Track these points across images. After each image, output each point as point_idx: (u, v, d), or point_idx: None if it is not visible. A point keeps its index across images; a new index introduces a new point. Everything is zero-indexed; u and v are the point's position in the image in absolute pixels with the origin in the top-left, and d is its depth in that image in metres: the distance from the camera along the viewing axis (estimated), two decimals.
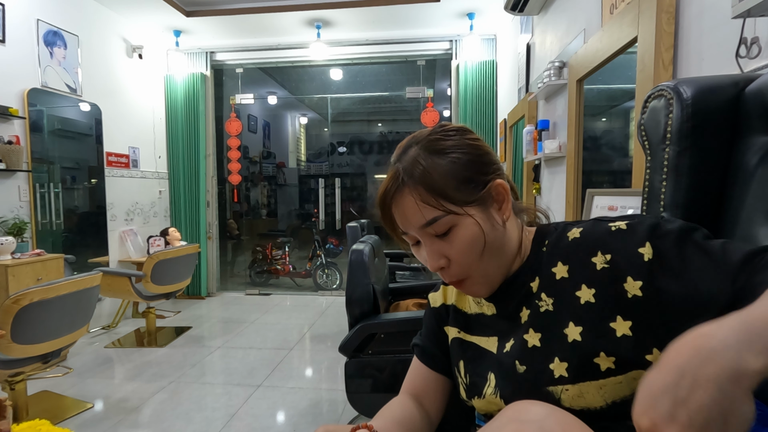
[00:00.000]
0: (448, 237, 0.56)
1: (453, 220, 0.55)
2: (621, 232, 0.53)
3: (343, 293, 3.52)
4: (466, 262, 0.57)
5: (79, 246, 3.34)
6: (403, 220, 0.58)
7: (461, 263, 0.57)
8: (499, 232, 0.58)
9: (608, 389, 0.50)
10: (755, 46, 0.99)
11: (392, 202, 0.58)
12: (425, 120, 4.21)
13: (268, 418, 2.09)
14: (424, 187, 0.55)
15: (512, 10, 2.80)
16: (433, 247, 0.57)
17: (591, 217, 1.42)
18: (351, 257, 1.69)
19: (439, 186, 0.55)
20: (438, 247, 0.57)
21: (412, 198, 0.56)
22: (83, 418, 2.11)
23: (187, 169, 4.43)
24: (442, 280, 0.64)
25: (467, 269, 0.58)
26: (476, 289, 0.60)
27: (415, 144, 0.59)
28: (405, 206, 0.57)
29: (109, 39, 3.67)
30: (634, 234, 0.51)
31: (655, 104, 0.66)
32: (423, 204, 0.55)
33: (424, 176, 0.56)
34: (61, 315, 1.98)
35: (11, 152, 2.69)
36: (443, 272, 0.59)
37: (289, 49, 4.41)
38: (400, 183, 0.57)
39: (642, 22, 1.43)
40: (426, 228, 0.56)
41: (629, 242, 0.51)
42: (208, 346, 3.07)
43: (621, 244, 0.52)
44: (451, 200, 0.55)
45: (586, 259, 0.54)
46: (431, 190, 0.55)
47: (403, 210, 0.57)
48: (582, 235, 0.56)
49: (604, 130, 2.33)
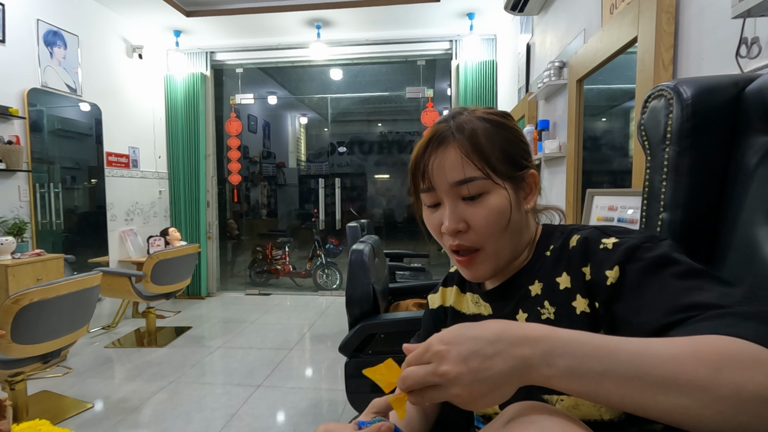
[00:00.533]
0: (476, 202, 0.56)
1: (488, 186, 0.56)
2: (606, 251, 0.52)
3: (343, 293, 3.53)
4: (487, 233, 0.57)
5: (79, 246, 3.34)
6: (439, 173, 0.57)
7: (481, 232, 0.57)
8: (522, 216, 0.59)
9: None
10: (755, 46, 0.99)
11: (435, 150, 0.57)
12: (425, 120, 4.21)
13: (268, 418, 2.09)
14: (472, 146, 0.56)
15: (512, 10, 2.80)
16: (457, 210, 0.57)
17: (591, 217, 1.42)
18: (351, 257, 1.69)
19: (486, 150, 0.56)
20: (461, 210, 0.57)
21: (457, 151, 0.56)
22: (83, 418, 2.11)
23: (187, 169, 4.43)
24: (452, 263, 0.63)
25: (484, 240, 0.57)
26: (483, 267, 0.59)
27: (467, 112, 0.60)
28: (447, 158, 0.56)
29: (109, 39, 3.67)
30: (612, 254, 0.51)
31: (655, 104, 0.66)
32: (467, 160, 0.56)
33: (473, 136, 0.56)
34: (61, 315, 1.98)
35: (11, 152, 2.69)
36: (458, 236, 0.58)
37: (289, 49, 4.41)
38: (449, 135, 0.57)
39: (642, 22, 1.43)
40: (459, 186, 0.56)
41: (604, 263, 0.51)
42: (208, 346, 3.07)
43: (598, 262, 0.52)
44: (493, 168, 0.56)
45: (579, 269, 0.54)
46: (477, 151, 0.56)
47: (444, 161, 0.57)
48: (578, 244, 0.56)
49: (604, 130, 2.33)
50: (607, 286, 0.50)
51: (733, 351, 0.36)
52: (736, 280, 0.56)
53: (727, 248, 0.59)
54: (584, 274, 0.53)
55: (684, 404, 0.35)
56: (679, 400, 0.35)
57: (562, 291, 0.56)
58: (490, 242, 0.58)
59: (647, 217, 0.67)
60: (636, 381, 0.36)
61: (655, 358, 0.37)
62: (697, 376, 0.35)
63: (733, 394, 0.34)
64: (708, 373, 0.35)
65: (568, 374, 0.38)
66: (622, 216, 1.30)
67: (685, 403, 0.35)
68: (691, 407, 0.35)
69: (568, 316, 0.54)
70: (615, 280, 0.50)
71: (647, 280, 0.48)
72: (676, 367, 0.36)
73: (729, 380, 0.34)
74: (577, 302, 0.54)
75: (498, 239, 0.57)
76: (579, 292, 0.53)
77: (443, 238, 0.60)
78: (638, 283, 0.48)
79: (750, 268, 0.54)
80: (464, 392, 0.39)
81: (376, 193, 7.61)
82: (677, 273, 0.47)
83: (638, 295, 0.48)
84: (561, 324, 0.54)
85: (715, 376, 0.35)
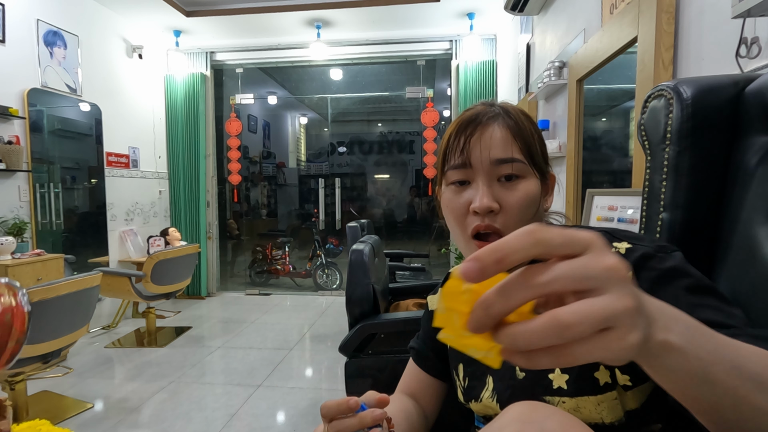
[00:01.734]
0: (512, 184, 0.57)
1: (526, 171, 0.57)
2: (618, 255, 0.52)
3: (343, 293, 3.52)
4: (518, 216, 0.56)
5: (79, 246, 3.34)
6: (483, 147, 0.56)
7: (513, 215, 0.56)
8: (540, 213, 0.60)
9: (605, 406, 0.50)
10: (755, 46, 0.99)
11: (481, 126, 0.57)
12: (425, 120, 4.21)
13: (268, 418, 2.09)
14: (519, 129, 0.57)
15: (512, 10, 2.80)
16: (492, 189, 0.57)
17: (591, 217, 1.42)
18: (351, 257, 1.69)
19: (528, 139, 0.57)
20: (496, 191, 0.57)
21: (506, 130, 0.57)
22: (83, 418, 2.11)
23: (187, 169, 4.43)
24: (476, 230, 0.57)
25: (514, 223, 0.56)
26: None
27: (500, 104, 0.61)
28: (495, 133, 0.57)
29: (109, 39, 3.67)
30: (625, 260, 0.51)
31: (655, 104, 0.66)
32: (513, 140, 0.56)
33: (519, 122, 0.58)
34: (61, 315, 1.98)
35: (11, 152, 2.69)
36: (489, 217, 0.56)
37: (289, 49, 4.41)
38: (498, 115, 0.58)
39: (642, 22, 1.43)
40: (501, 165, 0.56)
41: None
42: (208, 346, 3.07)
43: None
44: (532, 156, 0.57)
45: None
46: (523, 136, 0.57)
47: (491, 136, 0.57)
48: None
49: (604, 130, 2.33)
50: None
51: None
52: (736, 280, 0.56)
53: (727, 248, 0.59)
54: None
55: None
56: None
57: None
58: (516, 228, 0.57)
59: (647, 217, 0.67)
60: (741, 371, 0.32)
61: (750, 352, 0.33)
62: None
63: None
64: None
65: (684, 341, 0.30)
66: (622, 216, 1.30)
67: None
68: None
69: None
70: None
71: (659, 291, 0.47)
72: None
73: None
74: None
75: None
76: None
77: (467, 219, 0.57)
78: (649, 293, 0.48)
79: (750, 267, 0.54)
80: (639, 338, 0.26)
81: (376, 193, 7.61)
82: (688, 287, 0.47)
83: None
84: None
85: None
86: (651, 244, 0.52)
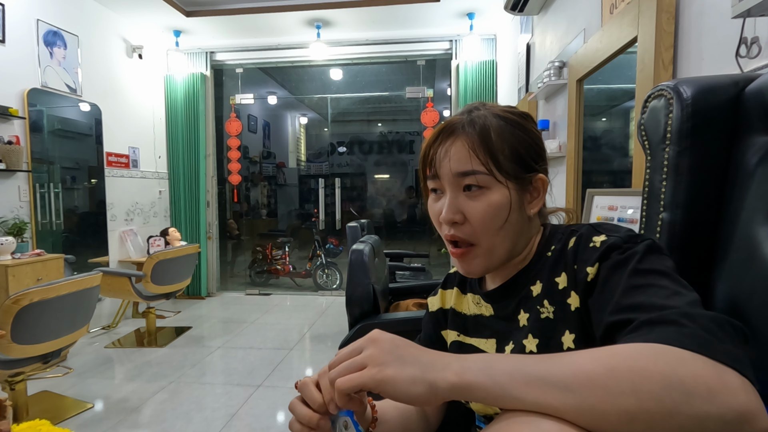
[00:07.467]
0: (476, 196, 0.57)
1: (490, 182, 0.57)
2: (593, 248, 0.53)
3: (343, 293, 3.53)
4: (482, 228, 0.57)
5: (79, 246, 3.34)
6: (445, 160, 0.58)
7: (476, 226, 0.57)
8: (522, 218, 0.60)
9: None
10: (755, 45, 0.99)
11: (445, 139, 0.59)
12: (425, 120, 4.21)
13: (268, 418, 2.09)
14: (481, 140, 0.57)
15: (512, 10, 2.81)
16: (457, 201, 0.58)
17: (591, 216, 1.43)
18: (351, 257, 1.69)
19: (494, 147, 0.57)
20: (461, 202, 0.58)
21: (465, 144, 0.57)
22: (83, 418, 2.11)
23: (187, 169, 4.43)
24: (450, 257, 0.64)
25: (478, 235, 0.58)
26: (476, 262, 0.60)
27: (484, 108, 0.61)
28: (455, 148, 0.57)
29: (109, 39, 3.67)
30: (596, 252, 0.52)
31: (655, 104, 0.66)
32: (473, 153, 0.56)
33: (484, 131, 0.57)
34: (61, 315, 1.98)
35: (11, 152, 2.69)
36: (454, 227, 0.58)
37: (289, 49, 4.41)
38: (461, 128, 0.58)
39: (642, 22, 1.43)
40: (461, 177, 0.57)
41: (589, 260, 0.52)
42: (208, 346, 3.07)
43: (585, 259, 0.53)
44: (498, 165, 0.57)
45: (573, 266, 0.55)
46: (485, 147, 0.57)
47: (450, 151, 0.58)
48: (574, 243, 0.56)
49: (604, 130, 2.33)
50: (587, 282, 0.51)
51: (642, 363, 0.37)
52: (736, 279, 0.56)
53: (727, 248, 0.59)
54: (575, 271, 0.54)
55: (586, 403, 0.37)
56: (576, 399, 0.37)
57: (560, 290, 0.56)
58: (485, 238, 0.58)
59: (647, 217, 0.67)
60: (546, 380, 0.38)
61: (569, 360, 0.39)
62: (592, 377, 0.37)
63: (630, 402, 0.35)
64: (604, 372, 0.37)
65: (482, 377, 0.40)
66: (622, 216, 1.30)
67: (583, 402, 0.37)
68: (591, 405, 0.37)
69: (563, 312, 0.55)
70: (593, 276, 0.51)
71: (610, 277, 0.49)
72: (575, 369, 0.38)
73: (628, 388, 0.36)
74: (571, 299, 0.54)
75: (493, 236, 0.58)
76: (573, 289, 0.54)
77: (441, 227, 0.61)
78: (604, 280, 0.50)
79: (750, 267, 0.54)
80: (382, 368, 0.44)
81: (376, 193, 7.61)
82: (635, 269, 0.47)
83: (602, 292, 0.49)
84: (558, 321, 0.55)
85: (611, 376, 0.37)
86: (623, 236, 0.52)
